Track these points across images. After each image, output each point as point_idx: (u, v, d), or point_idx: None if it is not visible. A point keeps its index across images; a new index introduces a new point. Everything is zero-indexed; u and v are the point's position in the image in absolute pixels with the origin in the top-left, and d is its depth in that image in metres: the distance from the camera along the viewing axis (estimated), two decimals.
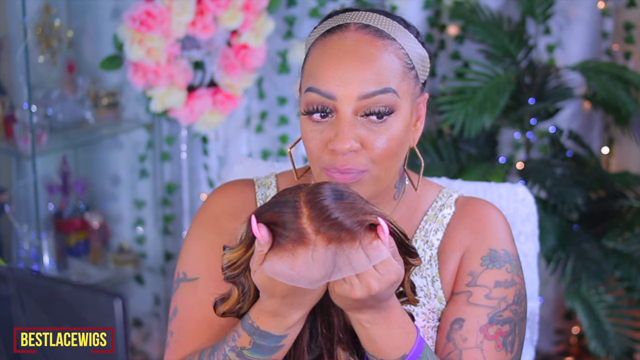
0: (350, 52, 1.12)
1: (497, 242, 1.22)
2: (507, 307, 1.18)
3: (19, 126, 2.46)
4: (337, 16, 1.19)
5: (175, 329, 1.22)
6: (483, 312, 1.17)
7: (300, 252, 0.98)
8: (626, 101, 2.53)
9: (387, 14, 1.19)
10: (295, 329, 1.08)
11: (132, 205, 2.96)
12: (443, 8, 2.87)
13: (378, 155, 1.12)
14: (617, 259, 2.54)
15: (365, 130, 1.11)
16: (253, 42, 2.49)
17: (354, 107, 1.10)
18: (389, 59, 1.13)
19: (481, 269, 1.20)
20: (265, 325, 1.06)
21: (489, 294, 1.18)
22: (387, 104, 1.11)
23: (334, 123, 1.12)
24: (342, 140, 1.10)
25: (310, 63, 1.16)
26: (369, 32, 1.14)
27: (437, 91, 2.91)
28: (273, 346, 1.07)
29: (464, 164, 2.70)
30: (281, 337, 1.07)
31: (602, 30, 2.90)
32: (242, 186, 1.31)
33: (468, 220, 1.24)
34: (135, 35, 2.32)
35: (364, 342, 1.07)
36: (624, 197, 2.65)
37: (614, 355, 2.53)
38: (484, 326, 1.17)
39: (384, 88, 1.11)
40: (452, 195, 1.28)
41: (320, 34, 1.17)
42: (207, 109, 2.52)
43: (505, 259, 1.21)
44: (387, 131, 1.12)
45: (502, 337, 1.17)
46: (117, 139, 2.89)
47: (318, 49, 1.16)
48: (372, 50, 1.13)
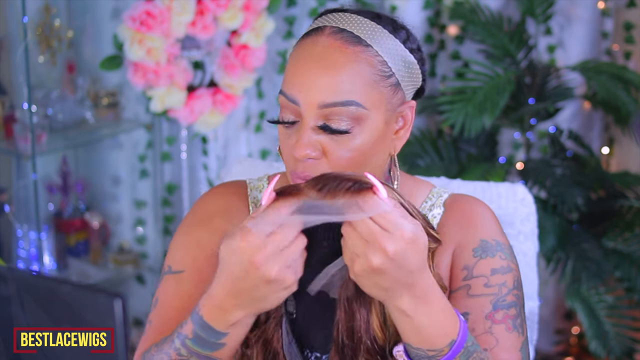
0: (317, 58, 1.10)
1: (487, 233, 1.21)
2: (509, 291, 1.16)
3: (19, 126, 2.46)
4: (321, 17, 1.17)
5: (154, 318, 1.19)
6: (485, 301, 1.15)
7: (293, 200, 0.99)
8: (626, 101, 2.53)
9: (373, 17, 1.15)
10: (237, 329, 1.04)
11: (132, 205, 2.96)
12: (443, 8, 2.87)
13: (339, 166, 1.10)
14: (617, 259, 2.54)
15: (327, 139, 1.10)
16: (253, 42, 2.49)
17: (314, 114, 1.09)
18: (357, 68, 1.10)
19: (474, 260, 1.18)
20: (208, 316, 1.04)
21: (488, 282, 1.16)
22: (349, 116, 1.09)
23: (297, 129, 1.11)
24: (299, 147, 1.09)
25: (288, 65, 1.15)
26: (341, 38, 1.11)
27: (437, 91, 2.91)
28: (213, 342, 1.04)
29: (464, 164, 2.70)
30: (221, 333, 1.04)
31: (602, 30, 2.90)
32: (234, 188, 1.30)
33: (456, 216, 1.23)
34: (135, 35, 2.32)
35: (409, 334, 1.02)
36: (624, 197, 2.65)
37: (614, 355, 2.53)
38: (489, 313, 1.14)
39: (345, 100, 1.08)
40: (442, 195, 1.26)
41: (302, 36, 1.16)
42: (207, 109, 2.52)
43: (497, 247, 1.19)
44: (350, 142, 1.10)
45: (511, 320, 1.15)
46: (117, 139, 2.89)
47: (295, 51, 1.15)
48: (339, 58, 1.10)
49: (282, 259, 0.98)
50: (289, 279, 0.99)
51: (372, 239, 0.96)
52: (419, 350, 1.02)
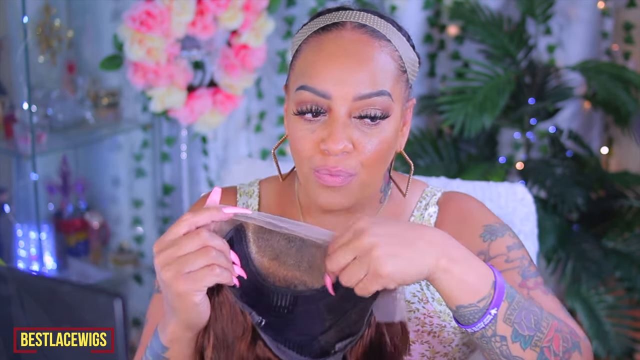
0: (347, 51, 1.10)
1: (487, 219, 1.21)
2: (530, 263, 1.17)
3: (19, 126, 2.46)
4: (332, 14, 1.16)
5: (144, 338, 1.20)
6: (513, 274, 1.15)
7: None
8: (626, 101, 2.53)
9: (380, 15, 1.16)
10: (176, 346, 1.04)
11: (132, 205, 2.97)
12: (443, 8, 2.87)
13: (368, 159, 1.10)
14: (617, 259, 2.54)
15: (357, 132, 1.09)
16: (253, 42, 2.49)
17: (348, 107, 1.08)
18: (385, 60, 1.11)
19: (487, 244, 1.18)
20: (160, 324, 1.04)
21: (507, 258, 1.16)
22: (382, 106, 1.09)
23: (326, 123, 1.09)
24: (335, 140, 1.07)
25: (303, 61, 1.13)
26: (365, 32, 1.12)
27: (437, 91, 2.91)
28: (159, 353, 1.05)
29: (463, 164, 2.70)
30: (164, 347, 1.04)
31: (602, 30, 2.90)
32: (224, 195, 1.29)
33: (451, 214, 1.23)
34: (135, 35, 2.32)
35: (458, 292, 0.97)
36: (624, 197, 2.65)
37: (614, 355, 2.53)
38: (521, 282, 1.14)
39: (379, 90, 1.08)
40: (435, 194, 1.26)
41: (314, 31, 1.14)
42: (207, 109, 2.52)
43: (503, 229, 1.20)
44: (380, 134, 1.10)
45: (542, 286, 1.15)
46: (117, 139, 2.89)
47: (312, 46, 1.13)
48: (369, 50, 1.10)
49: (174, 266, 0.96)
50: (180, 287, 0.97)
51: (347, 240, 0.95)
52: (471, 307, 0.98)
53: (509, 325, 0.99)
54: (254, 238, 1.03)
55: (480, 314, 0.98)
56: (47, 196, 2.78)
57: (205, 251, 0.97)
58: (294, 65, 1.15)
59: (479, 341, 1.01)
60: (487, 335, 1.00)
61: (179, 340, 1.04)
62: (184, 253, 0.97)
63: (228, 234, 1.02)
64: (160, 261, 0.97)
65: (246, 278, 1.02)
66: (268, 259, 1.03)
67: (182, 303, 0.99)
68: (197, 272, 0.97)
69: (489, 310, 0.98)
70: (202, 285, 0.97)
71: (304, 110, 1.10)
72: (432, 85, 2.97)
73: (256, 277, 1.03)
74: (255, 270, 1.03)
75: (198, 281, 0.97)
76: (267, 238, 1.03)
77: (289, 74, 1.17)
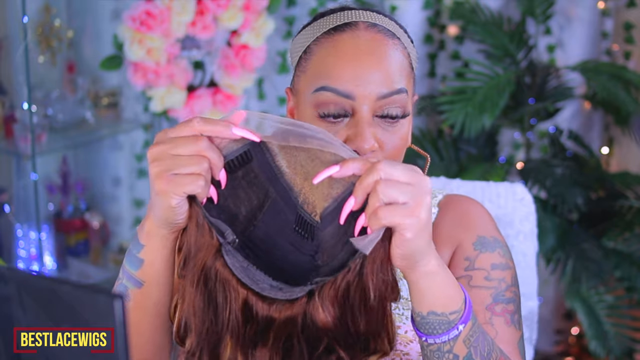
0: (364, 50, 1.10)
1: (483, 230, 1.22)
2: (507, 287, 1.18)
3: (19, 126, 2.46)
4: (340, 14, 1.16)
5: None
6: (486, 294, 1.16)
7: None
8: (626, 101, 2.53)
9: (384, 14, 1.18)
10: (151, 242, 1.01)
11: (132, 205, 2.97)
12: (443, 8, 2.87)
13: (390, 155, 1.12)
14: (617, 259, 2.54)
15: (380, 130, 1.11)
16: (253, 42, 2.49)
17: (371, 107, 1.09)
18: (399, 58, 1.12)
19: (476, 253, 1.20)
20: (140, 224, 1.04)
21: (488, 275, 1.18)
22: (401, 104, 1.11)
23: (351, 123, 1.10)
24: (364, 140, 1.08)
25: (319, 61, 1.12)
26: (378, 31, 1.13)
27: (437, 91, 2.91)
28: (134, 254, 1.04)
29: (463, 164, 2.70)
30: (140, 245, 1.02)
31: (602, 30, 2.90)
32: None
33: (450, 215, 1.24)
34: (135, 35, 2.32)
35: (434, 298, 0.96)
36: (624, 197, 2.65)
37: (614, 355, 2.53)
38: (489, 305, 1.15)
39: (398, 89, 1.10)
40: (436, 196, 1.28)
41: (325, 32, 1.14)
42: (207, 109, 2.52)
43: (495, 244, 1.21)
44: (399, 131, 1.12)
45: (509, 315, 1.16)
46: (117, 139, 2.89)
47: (327, 47, 1.13)
48: (385, 49, 1.11)
49: (163, 163, 0.94)
50: (160, 186, 0.94)
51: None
52: (442, 316, 0.98)
53: (466, 347, 0.99)
54: (282, 154, 1.01)
55: (448, 326, 0.98)
56: (47, 196, 2.78)
57: (199, 160, 0.94)
58: (305, 66, 1.15)
59: (430, 354, 1.00)
60: (442, 350, 0.99)
61: (154, 236, 1.01)
62: (177, 153, 0.94)
63: (237, 150, 0.99)
64: (152, 154, 0.94)
65: (216, 203, 0.98)
66: (300, 178, 1.01)
67: (159, 201, 0.96)
68: (183, 177, 0.94)
69: (457, 325, 0.98)
70: (181, 190, 0.94)
71: (327, 114, 1.10)
72: (432, 85, 2.97)
73: (288, 193, 1.01)
74: (287, 185, 1.01)
75: (179, 186, 0.94)
76: (295, 154, 1.00)
77: (297, 75, 1.17)
